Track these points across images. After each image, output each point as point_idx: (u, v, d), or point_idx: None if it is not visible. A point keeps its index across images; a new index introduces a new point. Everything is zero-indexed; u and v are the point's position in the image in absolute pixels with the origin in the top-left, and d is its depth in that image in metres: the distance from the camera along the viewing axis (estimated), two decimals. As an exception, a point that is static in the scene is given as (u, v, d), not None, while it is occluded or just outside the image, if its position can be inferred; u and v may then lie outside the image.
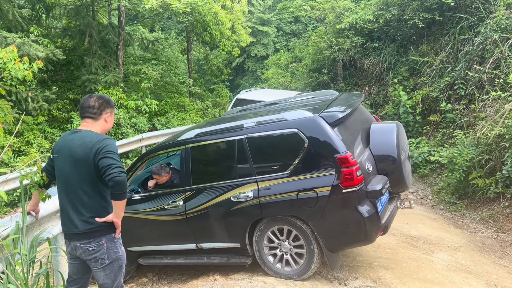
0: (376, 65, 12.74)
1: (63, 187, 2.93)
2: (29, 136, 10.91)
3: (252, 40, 22.50)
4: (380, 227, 4.09)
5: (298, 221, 4.11)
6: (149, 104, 13.59)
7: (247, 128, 4.33)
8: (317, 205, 3.92)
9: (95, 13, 14.00)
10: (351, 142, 4.09)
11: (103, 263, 2.91)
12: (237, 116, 5.35)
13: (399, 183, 4.46)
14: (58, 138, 3.13)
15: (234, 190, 4.31)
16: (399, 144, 4.38)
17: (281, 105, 5.54)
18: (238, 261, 4.52)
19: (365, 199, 3.93)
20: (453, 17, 10.68)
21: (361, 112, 4.83)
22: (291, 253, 4.29)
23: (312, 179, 3.96)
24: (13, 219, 3.15)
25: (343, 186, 3.81)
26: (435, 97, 10.14)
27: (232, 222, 4.38)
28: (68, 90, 13.45)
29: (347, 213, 3.94)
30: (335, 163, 3.84)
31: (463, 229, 6.98)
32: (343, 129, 4.09)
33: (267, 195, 4.13)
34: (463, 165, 7.65)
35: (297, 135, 4.02)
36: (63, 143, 2.96)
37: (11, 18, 10.99)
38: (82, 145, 2.84)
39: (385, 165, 4.34)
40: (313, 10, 15.99)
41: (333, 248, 4.16)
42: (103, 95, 3.14)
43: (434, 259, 5.45)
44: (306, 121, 4.05)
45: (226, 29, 17.50)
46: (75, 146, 2.86)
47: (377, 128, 4.61)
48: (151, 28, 21.61)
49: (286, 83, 19.18)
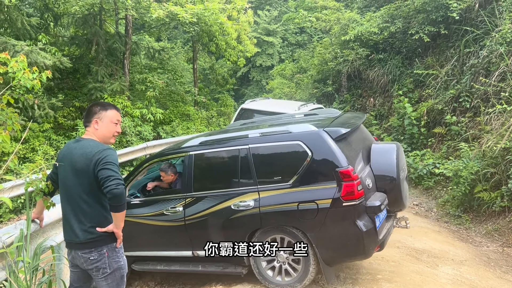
0: (381, 76, 12.76)
1: (65, 196, 2.95)
2: (34, 143, 10.97)
3: (257, 50, 22.61)
4: (377, 243, 4.15)
5: (297, 231, 4.15)
6: (154, 112, 13.65)
7: (252, 138, 4.38)
8: (317, 217, 3.98)
9: (102, 22, 14.14)
10: (353, 158, 4.17)
11: (104, 273, 2.91)
12: (241, 129, 5.41)
13: (396, 202, 4.57)
14: (63, 146, 3.15)
15: (235, 198, 4.35)
16: (398, 164, 4.50)
17: (285, 120, 5.63)
18: (234, 271, 4.53)
19: (364, 214, 3.99)
20: (459, 30, 10.72)
21: (362, 131, 4.94)
22: (288, 263, 4.31)
23: (313, 191, 4.03)
24: (18, 226, 3.16)
25: (344, 199, 3.88)
26: (440, 109, 10.12)
27: (230, 231, 4.40)
28: (74, 98, 13.53)
29: (346, 227, 3.99)
30: (337, 177, 3.92)
31: (468, 243, 6.92)
32: (346, 145, 4.18)
33: (267, 204, 4.17)
34: (468, 178, 7.60)
35: (301, 148, 4.10)
36: (67, 151, 2.98)
37: (20, 26, 11.12)
38: (83, 155, 2.85)
39: (384, 184, 4.45)
40: (319, 22, 16.08)
41: (330, 261, 4.21)
42: (95, 102, 3.15)
43: (439, 273, 5.40)
44: (310, 135, 4.13)
45: (232, 39, 17.61)
46: (76, 156, 2.87)
47: (378, 147, 4.73)
48: (157, 38, 21.79)
49: (290, 94, 19.22)
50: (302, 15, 16.84)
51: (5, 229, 3.13)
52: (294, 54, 25.29)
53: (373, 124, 12.31)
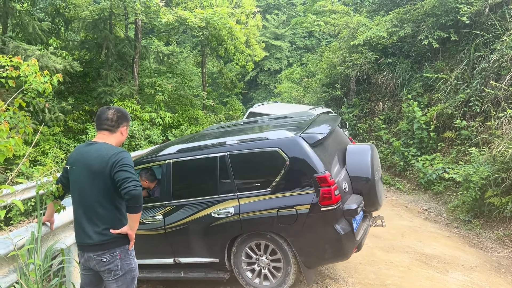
0: (390, 80, 12.71)
1: (78, 198, 2.97)
2: (45, 146, 11.08)
3: (265, 54, 22.65)
4: (355, 244, 4.26)
5: (277, 237, 4.23)
6: (163, 116, 13.72)
7: (230, 146, 4.43)
8: (297, 222, 4.07)
9: (112, 27, 14.26)
10: (329, 162, 4.26)
11: (116, 275, 2.93)
12: (217, 134, 5.49)
13: (372, 202, 4.69)
14: (73, 149, 3.18)
15: (215, 206, 4.40)
16: (373, 165, 4.62)
17: (260, 124, 5.75)
18: (216, 276, 4.58)
19: (342, 217, 4.09)
20: (469, 34, 10.65)
21: (337, 133, 5.01)
22: (268, 268, 4.40)
23: (292, 197, 4.11)
24: (29, 229, 3.19)
25: (322, 204, 3.97)
26: (450, 113, 10.05)
27: (211, 238, 4.45)
28: (84, 102, 13.66)
29: (325, 231, 4.08)
30: (314, 182, 4.00)
31: (479, 249, 6.84)
32: (322, 150, 4.26)
33: (247, 211, 4.24)
34: (479, 183, 7.53)
35: (279, 154, 4.16)
36: (78, 155, 2.99)
37: (31, 31, 11.28)
38: (98, 158, 2.87)
39: (360, 185, 4.56)
40: (327, 26, 16.07)
41: (311, 264, 4.30)
42: (120, 108, 3.19)
43: (449, 279, 5.34)
44: (287, 141, 4.20)
45: (241, 44, 17.67)
46: (91, 159, 2.89)
47: (353, 149, 4.83)
48: (166, 42, 21.94)
49: (299, 98, 19.21)
50: (311, 19, 16.82)
51: (17, 231, 3.15)
52: (303, 58, 25.31)
53: (382, 128, 12.26)
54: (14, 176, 3.12)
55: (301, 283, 4.77)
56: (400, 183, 10.56)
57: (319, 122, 4.99)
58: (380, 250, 6.25)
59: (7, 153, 2.77)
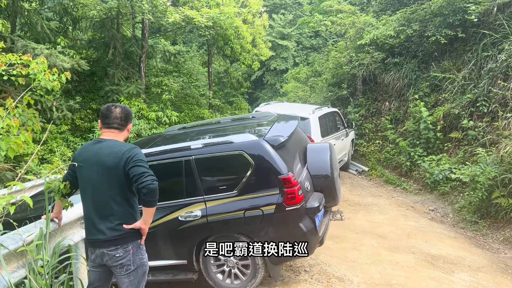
0: (397, 80, 12.66)
1: (90, 195, 3.00)
2: (52, 144, 11.15)
3: (272, 54, 22.63)
4: (318, 240, 4.48)
5: (244, 237, 4.37)
6: (170, 115, 13.74)
7: (194, 149, 4.51)
8: (263, 223, 4.24)
9: (119, 26, 14.32)
10: (291, 163, 4.44)
11: (128, 269, 2.99)
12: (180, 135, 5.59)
13: (332, 198, 4.92)
14: (79, 148, 3.20)
15: (182, 209, 4.47)
16: (332, 163, 4.85)
17: (223, 126, 5.88)
18: (185, 277, 4.66)
19: (305, 215, 4.30)
20: (476, 34, 10.59)
21: (297, 133, 5.18)
22: (237, 267, 4.55)
23: (258, 198, 4.27)
24: (37, 225, 3.22)
25: (286, 204, 4.17)
26: (457, 114, 10.00)
27: (179, 240, 4.52)
28: (91, 100, 13.72)
29: (290, 229, 4.27)
30: (278, 184, 4.18)
31: (485, 249, 6.81)
32: (285, 151, 4.43)
33: (215, 213, 4.34)
34: (486, 183, 7.50)
35: (244, 158, 4.29)
36: (88, 153, 3.02)
37: (40, 30, 11.34)
38: (111, 154, 2.92)
39: (320, 182, 4.79)
40: (334, 25, 16.02)
41: (277, 261, 4.43)
42: (125, 106, 3.22)
43: (455, 279, 5.33)
44: (251, 144, 4.34)
45: (247, 43, 17.64)
46: (104, 155, 2.93)
47: (313, 148, 5.07)
48: (173, 41, 21.99)
49: (305, 97, 19.19)
50: (317, 18, 16.78)
51: (26, 227, 3.19)
52: (309, 57, 25.27)
53: (388, 128, 12.22)
54: (23, 173, 3.16)
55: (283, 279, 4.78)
56: (406, 183, 10.53)
57: (280, 123, 5.16)
58: (386, 250, 6.24)
59: (17, 150, 2.81)
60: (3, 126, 2.90)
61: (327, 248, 5.94)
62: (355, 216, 7.98)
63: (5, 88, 9.30)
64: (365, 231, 7.11)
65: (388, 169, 11.65)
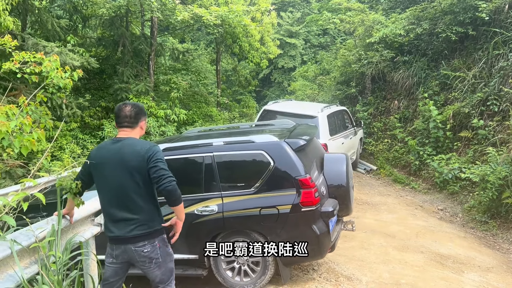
0: (406, 79, 12.59)
1: (113, 194, 3.06)
2: (62, 141, 11.23)
3: (279, 52, 22.58)
4: (330, 244, 4.61)
5: (257, 235, 4.44)
6: (178, 113, 13.77)
7: (216, 146, 4.63)
8: (278, 221, 4.33)
9: (128, 24, 14.36)
10: (309, 167, 4.52)
11: (157, 262, 3.15)
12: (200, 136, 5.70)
13: (345, 207, 4.98)
14: (96, 147, 3.23)
15: (198, 203, 4.55)
16: (348, 173, 4.93)
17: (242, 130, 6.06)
18: (194, 273, 4.71)
19: (319, 218, 4.38)
20: (487, 32, 10.48)
21: (315, 142, 5.34)
22: (247, 264, 4.59)
23: (274, 197, 4.36)
24: (49, 222, 3.26)
25: (302, 205, 4.26)
26: (467, 112, 9.92)
27: (193, 235, 4.56)
28: (101, 98, 13.79)
29: (304, 230, 4.33)
30: (296, 184, 4.28)
31: (495, 250, 6.76)
32: (303, 155, 4.53)
33: (231, 210, 4.43)
34: (496, 183, 7.43)
35: (264, 157, 4.41)
36: (109, 152, 3.06)
37: (50, 28, 11.42)
38: (134, 153, 3.01)
39: (335, 191, 4.87)
40: (343, 23, 15.97)
41: (288, 262, 4.51)
42: (136, 103, 3.26)
43: (464, 279, 5.30)
44: (272, 145, 4.46)
45: (255, 41, 17.61)
46: (127, 154, 3.01)
47: (330, 157, 5.18)
48: (181, 39, 22.02)
49: (313, 95, 19.15)
50: (326, 16, 16.74)
51: (38, 224, 3.23)
52: (317, 56, 25.18)
53: (397, 127, 12.15)
54: (36, 170, 3.19)
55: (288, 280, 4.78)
56: (415, 183, 10.47)
57: (299, 130, 5.30)
58: (394, 249, 6.22)
59: (30, 147, 2.84)
60: (16, 124, 2.93)
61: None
62: (364, 215, 7.95)
63: (16, 86, 9.38)
64: (374, 230, 7.09)
65: (396, 168, 11.60)
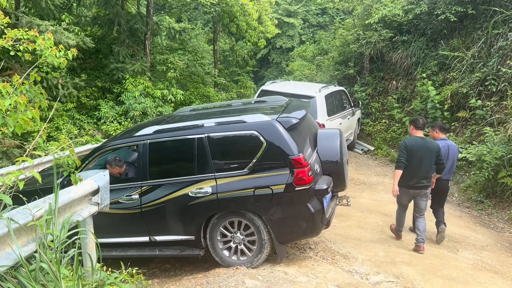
0: (405, 59, 12.51)
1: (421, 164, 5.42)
2: (58, 122, 11.18)
3: (278, 32, 22.34)
4: (325, 221, 4.58)
5: (252, 214, 4.44)
6: (175, 93, 13.69)
7: (207, 128, 4.57)
8: (272, 201, 4.32)
9: (124, 2, 14.13)
10: (302, 145, 4.49)
11: (428, 195, 5.64)
12: (191, 115, 5.62)
13: (340, 183, 5.02)
14: (410, 140, 5.51)
15: (192, 185, 4.55)
16: (342, 149, 4.93)
17: (233, 108, 5.95)
18: (191, 253, 4.75)
19: (314, 196, 4.39)
20: (487, 11, 10.36)
21: (308, 118, 5.22)
22: (244, 243, 4.60)
23: (268, 177, 4.35)
24: (46, 200, 3.26)
25: (296, 184, 4.24)
26: (465, 93, 9.89)
27: (188, 216, 4.60)
28: (97, 78, 13.67)
29: (298, 209, 4.34)
30: (289, 164, 4.26)
31: (490, 228, 6.84)
32: (296, 133, 4.48)
33: (225, 191, 4.43)
34: (492, 163, 7.47)
35: (256, 137, 4.37)
36: (419, 142, 5.45)
37: (44, 6, 11.21)
38: (433, 145, 5.49)
39: (329, 167, 4.87)
40: (341, 2, 15.77)
41: (284, 240, 4.56)
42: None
43: (459, 258, 5.37)
44: (264, 124, 4.41)
45: (253, 20, 17.39)
46: (429, 146, 5.44)
47: (324, 133, 5.13)
48: (178, 19, 21.73)
49: (311, 76, 19.04)
50: (325, -5, 16.53)
51: (35, 202, 3.22)
52: (315, 35, 24.95)
53: (395, 107, 12.13)
54: (32, 149, 3.18)
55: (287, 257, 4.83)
56: (412, 163, 10.50)
57: (292, 107, 5.20)
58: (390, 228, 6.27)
59: (24, 126, 2.82)
60: (11, 103, 2.90)
61: (332, 226, 5.96)
62: (360, 195, 8.00)
63: (10, 65, 9.27)
64: (370, 210, 7.14)
65: (394, 149, 11.62)
